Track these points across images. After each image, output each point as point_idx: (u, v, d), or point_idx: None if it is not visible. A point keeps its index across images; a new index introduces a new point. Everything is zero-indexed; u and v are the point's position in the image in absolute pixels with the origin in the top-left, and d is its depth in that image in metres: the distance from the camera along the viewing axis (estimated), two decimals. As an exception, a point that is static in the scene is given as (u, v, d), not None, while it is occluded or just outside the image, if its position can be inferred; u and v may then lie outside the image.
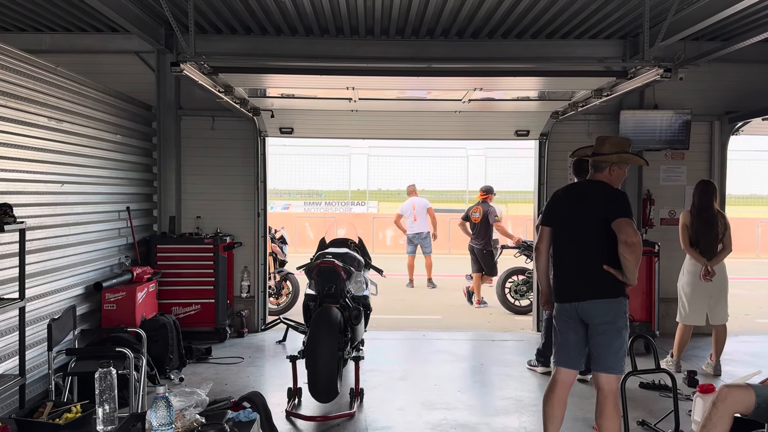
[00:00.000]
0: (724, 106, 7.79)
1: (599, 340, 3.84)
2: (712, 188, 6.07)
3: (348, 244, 6.59)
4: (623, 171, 4.02)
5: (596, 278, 3.84)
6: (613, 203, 3.85)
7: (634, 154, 4.11)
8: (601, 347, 3.83)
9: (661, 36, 5.64)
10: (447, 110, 7.75)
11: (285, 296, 8.89)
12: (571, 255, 3.98)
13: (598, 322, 3.83)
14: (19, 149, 4.69)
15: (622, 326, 3.84)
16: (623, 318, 3.85)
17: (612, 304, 3.82)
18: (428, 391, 5.59)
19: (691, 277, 6.02)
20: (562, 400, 4.01)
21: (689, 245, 6.00)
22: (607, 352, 3.82)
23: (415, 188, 12.01)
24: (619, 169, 3.99)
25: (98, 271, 6.02)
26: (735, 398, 3.45)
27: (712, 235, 5.93)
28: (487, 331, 8.11)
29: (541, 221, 4.23)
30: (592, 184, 4.05)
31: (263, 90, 7.00)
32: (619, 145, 4.02)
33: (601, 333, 3.82)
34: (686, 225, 6.03)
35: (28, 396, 4.50)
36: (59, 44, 7.38)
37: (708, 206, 5.98)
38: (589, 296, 3.85)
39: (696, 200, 6.05)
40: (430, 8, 6.35)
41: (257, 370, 6.25)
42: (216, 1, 6.22)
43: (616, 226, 3.74)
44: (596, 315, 3.83)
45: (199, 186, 7.69)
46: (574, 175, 6.05)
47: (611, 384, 3.84)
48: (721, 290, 5.99)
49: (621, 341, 3.84)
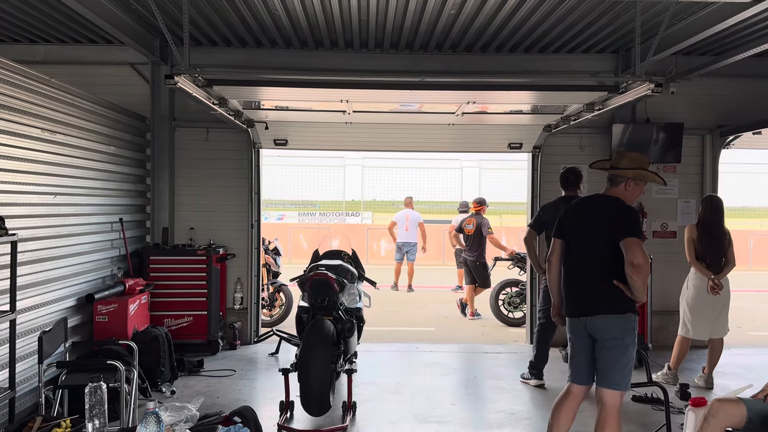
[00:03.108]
0: (716, 119, 7.85)
1: (606, 355, 3.81)
2: (722, 204, 6.10)
3: (341, 255, 6.60)
4: (640, 188, 3.97)
5: (605, 293, 3.82)
6: (621, 221, 3.80)
7: (653, 172, 4.04)
8: (608, 363, 3.81)
9: (653, 51, 5.69)
10: (441, 123, 7.78)
11: (278, 308, 8.87)
12: (580, 269, 3.96)
13: (606, 338, 3.80)
14: (12, 161, 4.69)
15: (630, 342, 3.80)
16: (631, 334, 3.81)
17: (620, 320, 3.79)
18: (421, 404, 5.58)
19: (696, 291, 6.03)
20: (572, 412, 4.00)
21: (695, 259, 6.02)
22: (614, 368, 3.80)
23: (412, 201, 13.02)
24: (636, 185, 3.94)
25: (90, 283, 6.00)
26: (727, 412, 3.46)
27: (721, 251, 5.97)
28: (480, 344, 8.10)
29: (553, 233, 4.21)
30: (606, 199, 3.99)
31: (258, 102, 7.02)
32: (638, 161, 3.96)
33: (608, 348, 3.80)
34: (692, 239, 6.04)
35: (18, 409, 4.46)
36: (54, 55, 7.38)
37: (719, 222, 6.01)
38: (597, 311, 3.83)
39: (708, 216, 6.02)
40: (424, 22, 6.39)
41: (249, 383, 6.22)
42: (211, 14, 6.25)
43: (624, 246, 3.70)
44: (604, 331, 3.80)
45: (192, 197, 7.68)
46: (561, 187, 6.09)
47: (615, 400, 3.81)
48: (725, 304, 6.02)
49: (628, 357, 3.81)
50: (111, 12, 5.92)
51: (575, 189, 6.03)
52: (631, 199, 3.98)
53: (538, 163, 7.93)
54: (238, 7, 6.01)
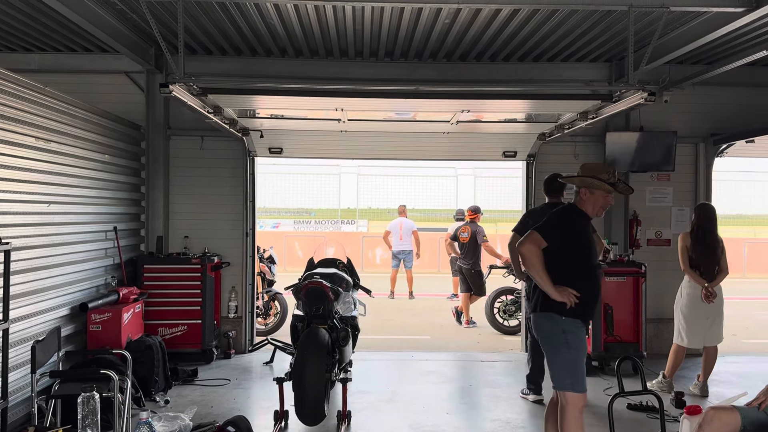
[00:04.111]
0: (709, 128, 7.90)
1: (544, 353, 4.11)
2: (715, 212, 6.13)
3: (336, 264, 6.58)
4: (596, 197, 4.01)
5: (537, 292, 4.05)
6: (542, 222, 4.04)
7: (606, 182, 3.99)
8: (547, 361, 4.07)
9: (646, 60, 5.73)
10: (435, 131, 7.81)
11: (273, 316, 8.84)
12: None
13: (537, 335, 4.07)
14: (6, 169, 4.67)
15: (559, 343, 3.92)
16: (560, 335, 3.92)
17: (543, 317, 4.01)
18: (416, 414, 5.56)
19: (690, 299, 6.04)
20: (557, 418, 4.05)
21: (689, 267, 6.04)
22: (551, 367, 4.03)
23: (405, 209, 13.11)
24: (590, 193, 4.01)
25: (84, 292, 5.97)
26: (721, 420, 3.47)
27: (714, 259, 5.99)
28: (475, 352, 8.09)
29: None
30: (552, 207, 4.26)
31: (253, 111, 7.03)
32: (590, 170, 4.05)
33: (542, 346, 4.07)
34: (686, 247, 6.06)
35: (10, 420, 4.42)
36: (48, 64, 7.38)
37: (712, 230, 6.03)
38: (532, 310, 4.14)
39: (702, 224, 6.04)
40: (419, 31, 6.42)
41: (244, 392, 6.19)
42: (206, 22, 6.26)
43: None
44: (536, 329, 4.08)
45: (187, 206, 7.66)
46: (545, 194, 6.06)
47: (565, 400, 3.92)
48: (719, 312, 6.03)
49: (562, 358, 3.92)
50: (106, 21, 5.92)
51: (559, 196, 5.94)
52: (590, 208, 4.04)
53: (533, 171, 7.95)
54: (233, 16, 6.03)
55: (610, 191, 4.02)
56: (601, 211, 4.07)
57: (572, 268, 3.95)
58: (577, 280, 3.92)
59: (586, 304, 3.95)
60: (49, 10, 5.61)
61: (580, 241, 4.03)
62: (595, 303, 4.10)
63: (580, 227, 4.07)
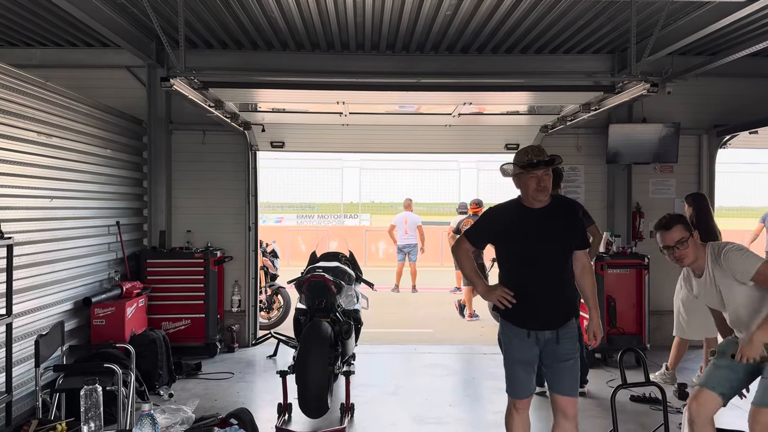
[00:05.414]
0: (712, 119, 7.86)
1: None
2: (707, 201, 6.11)
3: (339, 257, 6.59)
4: (522, 181, 3.62)
5: None
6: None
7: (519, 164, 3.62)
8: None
9: (648, 50, 5.70)
10: (437, 124, 7.79)
11: (276, 310, 8.86)
12: None
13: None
14: (8, 164, 4.68)
15: (501, 341, 3.96)
16: (500, 336, 3.98)
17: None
18: (419, 406, 5.57)
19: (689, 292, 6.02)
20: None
21: None
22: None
23: (411, 203, 13.16)
24: (518, 179, 3.66)
25: (87, 287, 5.98)
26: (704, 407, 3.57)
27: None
28: (478, 345, 8.10)
29: None
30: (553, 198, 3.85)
31: (254, 104, 7.02)
32: (514, 158, 3.71)
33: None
34: None
35: (15, 413, 4.44)
36: (50, 59, 7.38)
37: (709, 219, 6.01)
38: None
39: (701, 215, 6.02)
40: (420, 23, 6.40)
41: (247, 385, 6.21)
42: (206, 16, 6.25)
43: None
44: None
45: (189, 200, 7.67)
46: None
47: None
48: None
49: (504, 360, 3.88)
50: (107, 15, 5.92)
51: (555, 188, 5.89)
52: (523, 194, 3.68)
53: (535, 164, 7.91)
54: (233, 10, 6.02)
55: (521, 172, 3.59)
56: (537, 193, 3.57)
57: (503, 266, 3.85)
58: (507, 279, 3.75)
59: (519, 305, 3.65)
60: (50, 5, 5.60)
61: (506, 237, 3.74)
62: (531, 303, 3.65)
63: (509, 221, 3.73)
